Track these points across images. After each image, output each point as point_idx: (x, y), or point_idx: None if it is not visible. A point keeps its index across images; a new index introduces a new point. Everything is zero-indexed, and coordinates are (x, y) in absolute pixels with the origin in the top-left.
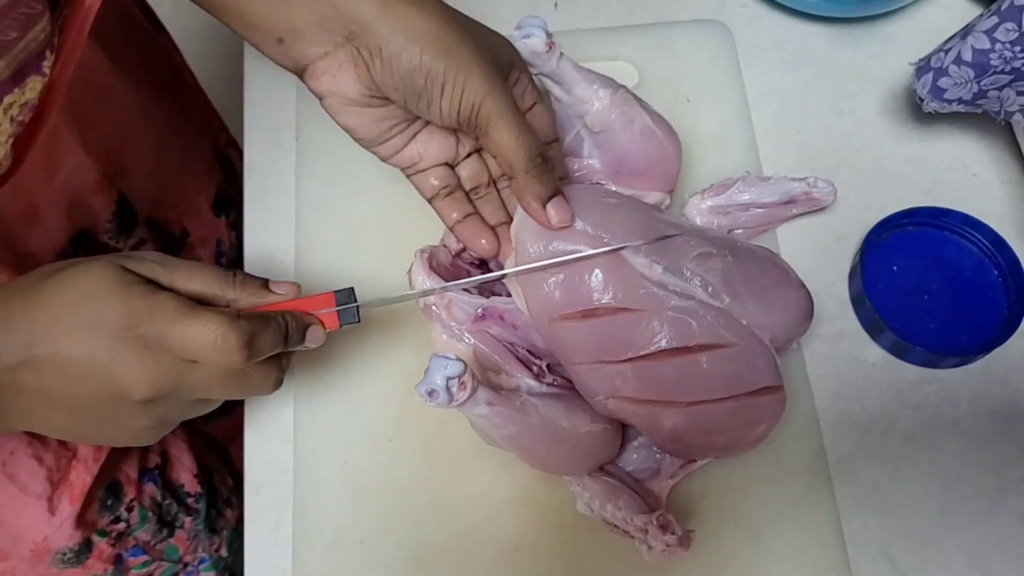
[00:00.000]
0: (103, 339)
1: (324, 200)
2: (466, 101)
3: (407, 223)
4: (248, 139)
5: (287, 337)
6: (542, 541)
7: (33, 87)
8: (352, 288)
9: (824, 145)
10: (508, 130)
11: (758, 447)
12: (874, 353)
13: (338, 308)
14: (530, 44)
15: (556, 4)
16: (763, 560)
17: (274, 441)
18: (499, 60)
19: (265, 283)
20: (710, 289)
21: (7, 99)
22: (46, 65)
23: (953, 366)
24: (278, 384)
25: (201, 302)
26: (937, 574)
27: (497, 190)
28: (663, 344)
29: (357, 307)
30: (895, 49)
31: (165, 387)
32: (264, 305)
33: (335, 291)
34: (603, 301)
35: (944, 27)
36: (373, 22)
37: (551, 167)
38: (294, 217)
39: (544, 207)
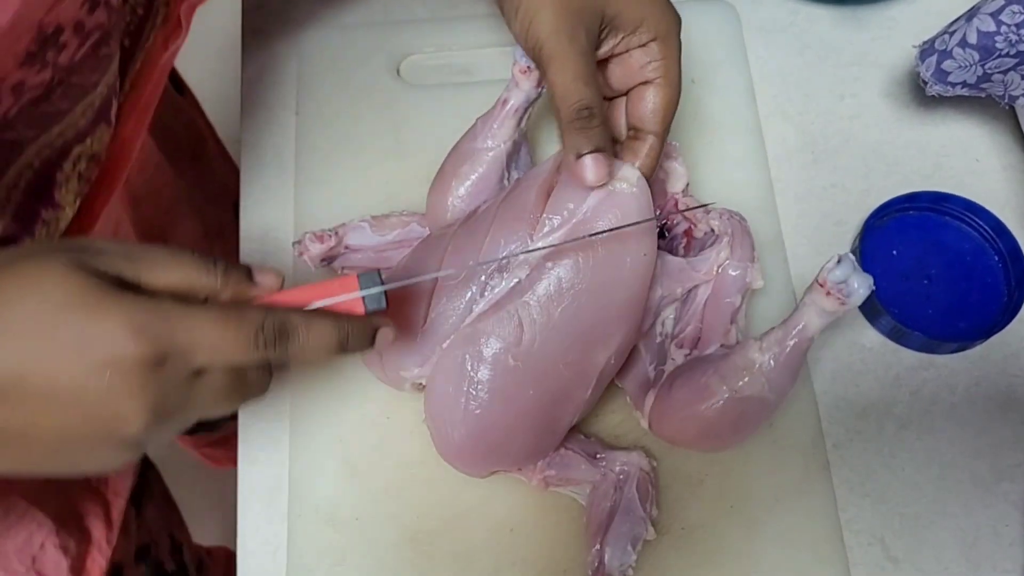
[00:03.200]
0: (93, 361)
1: (323, 177)
2: (531, 36)
3: (407, 200)
4: (245, 115)
5: (342, 342)
6: (539, 522)
7: (101, 137)
8: (378, 271)
9: (825, 128)
10: (561, 75)
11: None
12: (872, 338)
13: (363, 293)
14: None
15: None
16: (759, 544)
17: (267, 419)
18: (594, 6)
19: (248, 272)
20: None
21: (76, 149)
22: (112, 112)
23: (951, 352)
24: (267, 387)
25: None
26: (930, 561)
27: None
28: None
29: (384, 292)
30: (898, 33)
31: (167, 413)
32: (253, 298)
33: (358, 274)
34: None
35: (948, 11)
36: None
37: (598, 123)
38: (292, 194)
39: (579, 160)
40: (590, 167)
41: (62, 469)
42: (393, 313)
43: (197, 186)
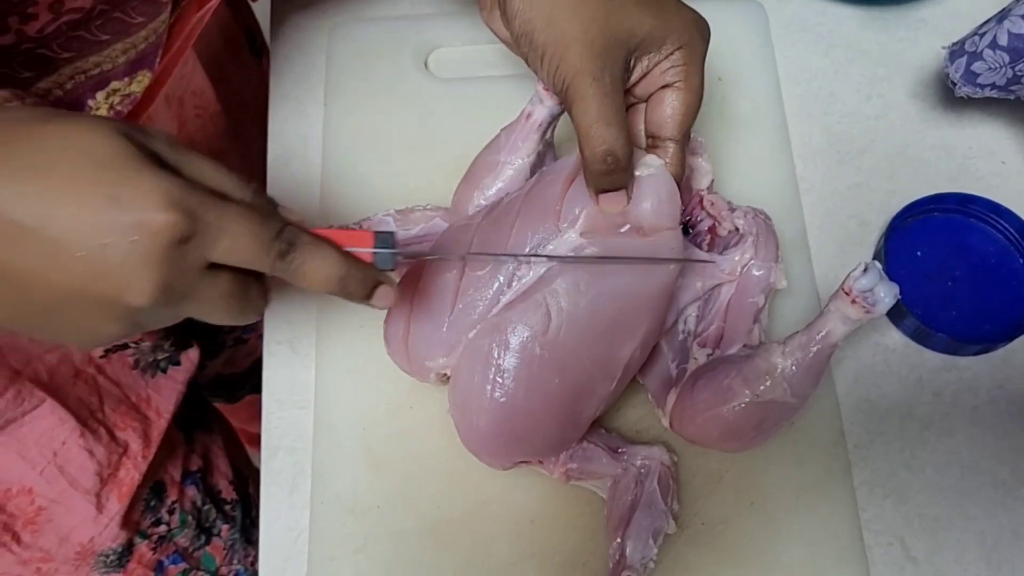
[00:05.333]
0: (122, 220)
1: (351, 168)
2: (558, 77)
3: (432, 193)
4: (273, 105)
5: (343, 279)
6: (559, 514)
7: (141, 81)
8: (394, 233)
9: (850, 129)
10: (584, 117)
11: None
12: (895, 339)
13: (374, 249)
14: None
15: None
16: (779, 542)
17: (291, 407)
18: (619, 36)
19: (275, 205)
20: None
21: (113, 84)
22: (156, 62)
23: (974, 354)
24: (261, 312)
25: None
26: (950, 562)
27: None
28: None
29: (395, 254)
30: (926, 34)
31: (172, 297)
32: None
33: (375, 231)
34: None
35: (976, 13)
36: None
37: (622, 166)
38: (319, 185)
39: (596, 196)
40: (608, 202)
41: (48, 331)
42: (420, 303)
43: (253, 143)
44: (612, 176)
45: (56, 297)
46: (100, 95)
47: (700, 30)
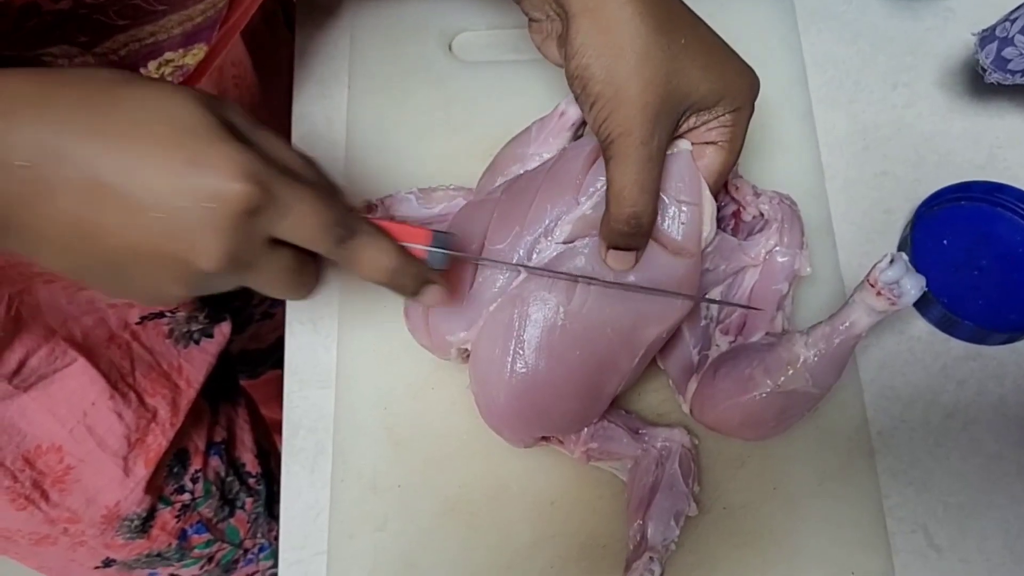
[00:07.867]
0: (199, 187)
1: (374, 150)
2: (603, 130)
3: (455, 175)
4: (297, 85)
5: (395, 272)
6: (580, 496)
7: (196, 55)
8: (454, 235)
9: (876, 117)
10: (621, 176)
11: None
12: (920, 327)
13: (430, 248)
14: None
15: None
16: (801, 528)
17: (312, 386)
18: (675, 98)
19: (338, 189)
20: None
21: (167, 54)
22: (214, 36)
23: (1000, 343)
24: (312, 290)
25: None
26: (973, 550)
27: None
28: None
29: (448, 255)
30: (954, 22)
31: (236, 266)
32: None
33: (434, 230)
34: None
35: (1003, 3)
36: (576, 15)
37: (644, 233)
38: (343, 166)
39: (607, 251)
40: (615, 259)
41: (116, 285)
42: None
43: (286, 117)
44: (631, 238)
45: (129, 254)
46: (152, 64)
47: (752, 89)
